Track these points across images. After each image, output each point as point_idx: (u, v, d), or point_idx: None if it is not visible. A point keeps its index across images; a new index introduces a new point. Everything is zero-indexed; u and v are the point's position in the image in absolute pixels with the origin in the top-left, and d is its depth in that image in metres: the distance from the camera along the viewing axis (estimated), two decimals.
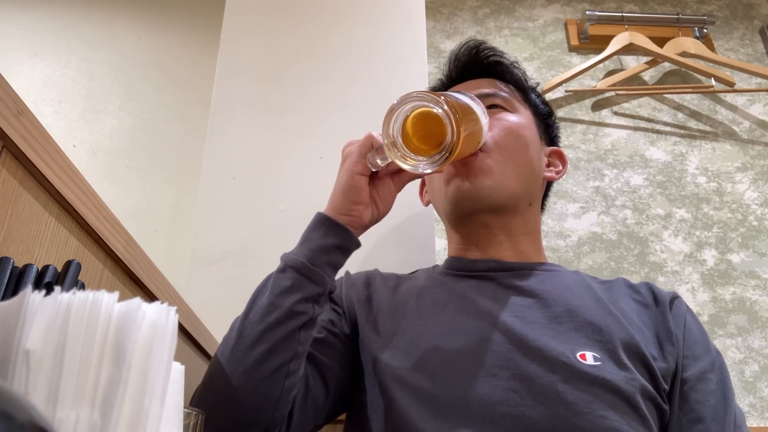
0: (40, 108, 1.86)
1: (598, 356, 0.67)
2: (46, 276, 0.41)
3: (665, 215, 1.65)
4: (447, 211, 0.86)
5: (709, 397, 0.70)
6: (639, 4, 2.03)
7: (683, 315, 0.77)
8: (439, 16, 1.94)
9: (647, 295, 0.80)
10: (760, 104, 1.85)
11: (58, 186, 0.47)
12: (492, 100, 0.88)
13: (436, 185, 0.88)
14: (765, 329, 1.49)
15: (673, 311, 0.77)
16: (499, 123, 0.85)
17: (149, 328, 0.32)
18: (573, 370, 0.65)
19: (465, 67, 0.94)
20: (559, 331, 0.70)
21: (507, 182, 0.81)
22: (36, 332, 0.30)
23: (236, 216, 1.21)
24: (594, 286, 0.80)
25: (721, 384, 0.72)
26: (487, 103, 0.85)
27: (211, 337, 0.88)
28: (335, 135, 1.31)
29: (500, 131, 0.83)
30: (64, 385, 0.29)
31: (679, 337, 0.74)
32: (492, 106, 0.87)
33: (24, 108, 0.43)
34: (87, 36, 2.04)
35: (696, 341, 0.75)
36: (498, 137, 0.82)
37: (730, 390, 0.73)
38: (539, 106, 0.95)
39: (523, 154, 0.84)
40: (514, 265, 0.81)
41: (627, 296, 0.80)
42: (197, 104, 1.88)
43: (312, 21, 1.43)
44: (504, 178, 0.81)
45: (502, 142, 0.82)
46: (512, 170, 0.82)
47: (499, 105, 0.88)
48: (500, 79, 0.93)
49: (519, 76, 0.93)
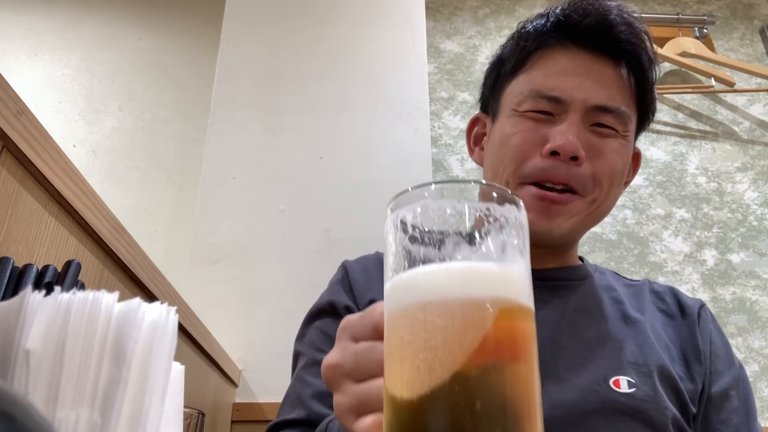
0: (40, 108, 1.86)
1: (633, 381, 0.63)
2: (46, 276, 0.41)
3: (665, 215, 1.65)
4: None
5: (732, 415, 0.67)
6: (639, 4, 2.03)
7: (709, 328, 0.72)
8: (439, 16, 1.94)
9: (672, 304, 0.74)
10: (760, 104, 1.85)
11: (58, 186, 0.47)
12: (611, 120, 0.69)
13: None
14: (765, 329, 1.49)
15: (701, 325, 0.71)
16: (608, 159, 0.69)
17: (149, 328, 0.32)
18: (607, 399, 0.61)
19: (587, 33, 0.71)
20: (589, 359, 0.65)
21: (587, 224, 0.72)
22: (36, 332, 0.30)
23: (236, 216, 1.21)
24: (622, 295, 0.73)
25: (744, 401, 0.70)
26: (602, 121, 0.69)
27: (211, 337, 0.88)
28: (335, 135, 1.31)
29: (606, 171, 0.69)
30: (64, 385, 0.29)
31: (707, 354, 0.70)
32: (601, 126, 0.69)
33: (24, 108, 0.43)
34: (87, 36, 2.04)
35: (720, 355, 0.72)
36: (601, 177, 0.68)
37: (753, 407, 0.70)
38: (651, 106, 0.76)
39: (616, 194, 0.73)
40: (547, 275, 0.73)
41: (652, 304, 0.73)
42: (197, 104, 1.88)
43: (312, 21, 1.43)
44: (587, 221, 0.71)
45: (603, 183, 0.69)
46: (599, 213, 0.71)
47: (616, 129, 0.70)
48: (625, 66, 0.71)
49: (651, 76, 0.73)
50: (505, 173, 0.71)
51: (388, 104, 1.27)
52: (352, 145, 1.30)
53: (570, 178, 0.67)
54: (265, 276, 1.16)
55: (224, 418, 1.01)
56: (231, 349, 1.03)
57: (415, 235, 0.33)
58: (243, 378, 1.07)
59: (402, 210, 0.33)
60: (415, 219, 0.33)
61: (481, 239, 0.32)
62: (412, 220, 0.33)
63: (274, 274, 1.16)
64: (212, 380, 0.93)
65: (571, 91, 0.69)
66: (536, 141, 0.69)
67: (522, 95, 0.72)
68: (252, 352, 1.09)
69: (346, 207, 1.23)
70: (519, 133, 0.70)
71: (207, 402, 0.90)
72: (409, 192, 0.33)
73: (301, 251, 1.18)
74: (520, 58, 0.74)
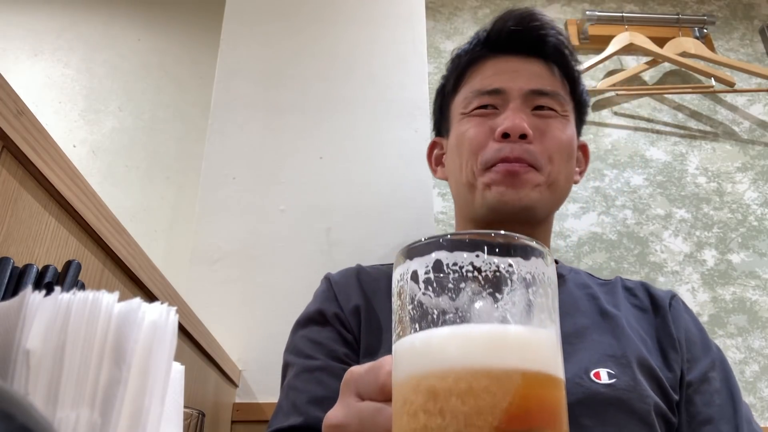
0: (40, 108, 1.86)
1: (613, 372, 0.65)
2: (46, 276, 0.41)
3: (665, 215, 1.65)
4: (478, 216, 0.79)
5: (714, 397, 0.69)
6: (639, 4, 2.03)
7: (682, 316, 0.76)
8: (439, 17, 1.94)
9: (644, 298, 0.78)
10: (760, 104, 1.85)
11: (58, 186, 0.47)
12: (544, 100, 0.79)
13: (466, 179, 0.79)
14: (765, 329, 1.49)
15: (672, 313, 0.75)
16: (554, 136, 0.78)
17: (149, 328, 0.32)
18: (589, 391, 0.63)
19: (510, 40, 0.81)
20: (569, 353, 0.67)
21: (550, 198, 0.78)
22: (36, 332, 0.30)
23: (236, 216, 1.21)
24: (597, 292, 0.78)
25: (725, 381, 0.71)
26: (537, 104, 0.79)
27: (211, 337, 0.88)
28: (335, 135, 1.31)
29: (554, 147, 0.77)
30: (64, 385, 0.29)
31: (682, 342, 0.72)
32: (541, 108, 0.79)
33: (24, 108, 0.43)
34: (87, 36, 2.04)
35: (695, 342, 0.74)
36: (551, 153, 0.77)
37: (735, 386, 0.71)
38: (583, 96, 0.86)
39: (569, 170, 0.80)
40: None
41: (626, 300, 0.77)
42: (197, 104, 1.88)
43: (312, 21, 1.43)
44: (548, 194, 0.77)
45: (554, 158, 0.77)
46: (557, 187, 0.78)
47: (552, 109, 0.79)
48: (550, 61, 0.81)
49: (575, 66, 0.83)
50: (467, 166, 0.79)
51: (388, 104, 1.27)
52: (352, 145, 1.30)
53: (523, 153, 0.75)
54: (265, 276, 1.16)
55: (224, 418, 1.01)
56: (231, 349, 1.03)
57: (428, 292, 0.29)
58: (243, 378, 1.07)
59: (415, 261, 0.29)
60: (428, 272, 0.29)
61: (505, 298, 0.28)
62: (425, 274, 0.29)
63: (274, 274, 1.16)
64: (212, 380, 0.93)
65: (507, 82, 0.79)
66: (487, 131, 0.78)
67: (466, 100, 0.82)
68: (252, 352, 1.09)
69: (346, 207, 1.23)
70: (471, 128, 0.79)
71: (207, 402, 0.90)
72: (423, 242, 0.30)
73: (301, 251, 1.18)
74: (458, 76, 0.86)
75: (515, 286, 0.28)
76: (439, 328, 0.27)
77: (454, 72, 0.87)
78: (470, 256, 0.28)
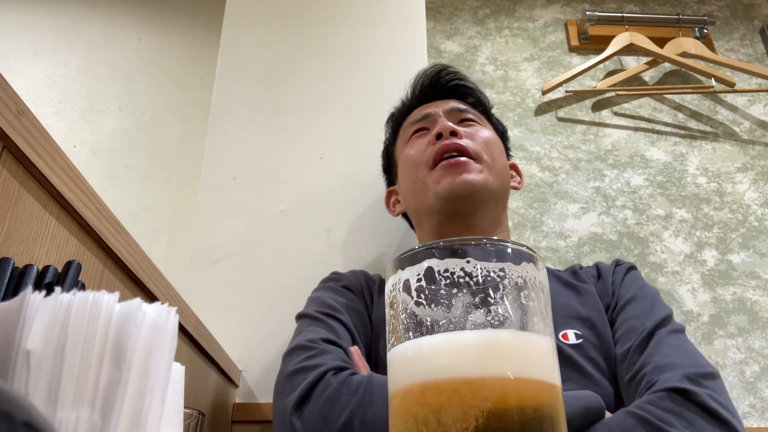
0: (41, 108, 1.86)
1: (579, 333, 0.74)
2: (47, 276, 0.41)
3: (665, 215, 1.64)
4: (435, 210, 0.90)
5: (637, 312, 0.76)
6: (639, 4, 2.03)
7: (620, 274, 0.86)
8: (440, 17, 1.94)
9: (594, 273, 0.90)
10: (760, 104, 1.85)
11: (59, 186, 0.47)
12: (465, 114, 0.98)
13: (418, 189, 0.92)
14: (765, 329, 1.49)
15: (614, 276, 0.86)
16: (480, 135, 0.94)
17: (149, 328, 0.32)
18: (559, 351, 0.72)
19: (429, 90, 1.03)
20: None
21: (494, 180, 0.90)
22: (36, 333, 0.30)
23: (236, 216, 1.21)
24: (560, 273, 0.90)
25: (651, 300, 0.78)
26: (461, 118, 0.97)
27: (211, 338, 0.88)
28: (335, 135, 1.31)
29: (481, 141, 0.92)
30: (65, 385, 0.29)
31: (616, 290, 0.82)
32: (465, 120, 0.97)
33: (24, 108, 0.43)
34: (87, 36, 2.04)
35: (628, 285, 0.83)
36: (480, 146, 0.91)
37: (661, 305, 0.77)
38: (498, 125, 1.05)
39: (500, 160, 0.94)
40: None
41: (582, 277, 0.89)
42: (197, 104, 1.88)
43: (312, 21, 1.43)
44: (491, 176, 0.89)
45: (485, 149, 0.91)
46: (494, 172, 0.91)
47: (473, 120, 0.98)
48: (463, 100, 1.02)
49: (481, 97, 1.04)
50: (419, 175, 0.92)
51: (389, 104, 1.26)
52: (352, 145, 1.30)
53: (458, 146, 0.89)
54: (265, 276, 1.16)
55: (224, 418, 1.01)
56: (231, 350, 1.03)
57: (420, 299, 0.29)
58: (243, 378, 1.07)
59: (407, 271, 0.29)
60: (420, 280, 0.29)
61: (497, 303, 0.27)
62: (417, 282, 0.29)
63: (274, 274, 1.16)
64: (212, 380, 0.93)
65: (433, 108, 0.99)
66: (425, 143, 0.94)
67: (405, 133, 1.01)
68: (252, 353, 1.09)
69: (346, 207, 1.23)
70: (412, 149, 0.96)
71: (207, 402, 0.90)
72: (415, 250, 0.30)
73: (301, 251, 1.18)
74: (394, 128, 1.08)
75: (507, 291, 0.28)
76: (431, 336, 0.27)
77: (392, 127, 1.09)
78: (461, 262, 0.28)
